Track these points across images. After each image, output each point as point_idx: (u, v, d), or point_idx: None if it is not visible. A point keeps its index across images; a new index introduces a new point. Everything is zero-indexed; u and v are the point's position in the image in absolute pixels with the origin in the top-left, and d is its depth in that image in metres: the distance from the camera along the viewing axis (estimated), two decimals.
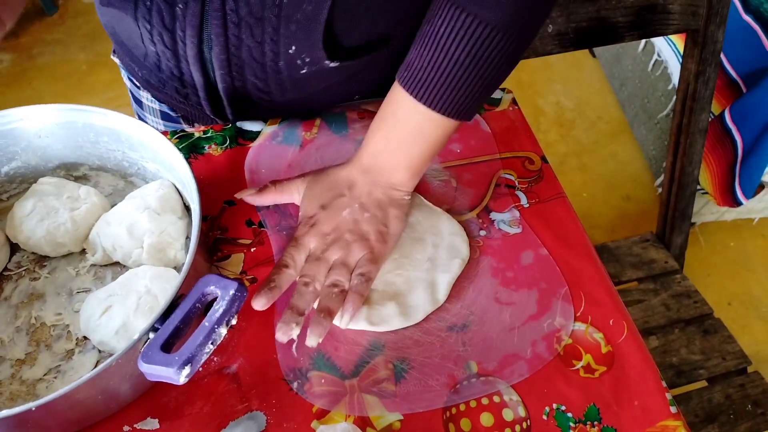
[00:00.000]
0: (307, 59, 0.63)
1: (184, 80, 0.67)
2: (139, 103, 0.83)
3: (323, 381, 0.53)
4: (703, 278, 1.61)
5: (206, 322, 0.43)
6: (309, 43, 0.61)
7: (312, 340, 0.52)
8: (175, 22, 0.60)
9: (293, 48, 0.61)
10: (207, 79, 0.66)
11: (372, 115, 0.73)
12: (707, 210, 1.65)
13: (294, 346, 0.54)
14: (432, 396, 0.52)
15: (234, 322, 0.45)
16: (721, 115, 1.42)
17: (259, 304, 0.53)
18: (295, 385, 0.52)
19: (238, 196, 0.62)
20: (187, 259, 0.48)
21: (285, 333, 0.52)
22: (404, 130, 0.59)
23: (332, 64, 0.64)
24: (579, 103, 2.01)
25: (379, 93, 0.67)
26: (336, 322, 0.55)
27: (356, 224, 0.58)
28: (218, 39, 0.60)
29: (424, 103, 0.56)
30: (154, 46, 0.64)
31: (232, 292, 0.45)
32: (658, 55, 1.69)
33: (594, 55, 2.11)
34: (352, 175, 0.61)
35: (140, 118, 0.83)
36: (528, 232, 0.63)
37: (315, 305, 0.55)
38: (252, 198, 0.62)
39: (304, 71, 0.64)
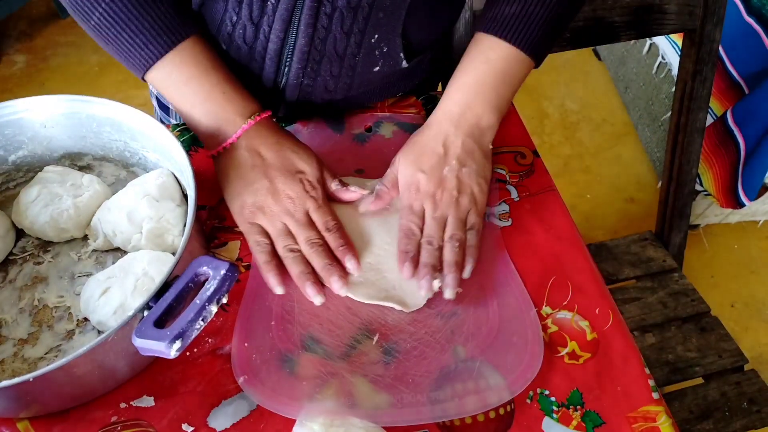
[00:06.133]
0: (384, 49, 0.68)
1: (248, 78, 0.69)
2: (165, 109, 0.86)
3: (313, 363, 0.54)
4: (707, 280, 1.61)
5: (197, 300, 0.45)
6: (390, 29, 0.67)
7: (450, 293, 0.58)
8: (262, 17, 0.63)
9: (376, 36, 0.66)
10: (275, 78, 0.69)
11: (364, 111, 0.75)
12: (711, 212, 1.65)
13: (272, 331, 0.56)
14: (420, 379, 0.54)
15: (225, 300, 0.47)
16: (723, 117, 1.43)
17: (407, 274, 0.58)
18: (286, 368, 0.54)
19: (362, 210, 0.64)
20: (182, 242, 0.50)
21: (428, 288, 0.58)
22: (494, 73, 0.64)
23: (403, 62, 0.71)
24: (584, 106, 2.02)
25: (417, 92, 0.78)
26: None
27: (458, 180, 0.62)
28: (306, 30, 0.64)
29: (517, 45, 0.64)
30: (231, 43, 0.67)
31: (223, 272, 0.47)
32: (663, 58, 1.69)
33: (599, 58, 2.12)
34: (442, 130, 0.64)
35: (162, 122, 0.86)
36: (517, 224, 0.65)
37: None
38: (375, 205, 0.64)
39: (376, 69, 0.70)
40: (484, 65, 0.65)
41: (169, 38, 0.60)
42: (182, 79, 0.61)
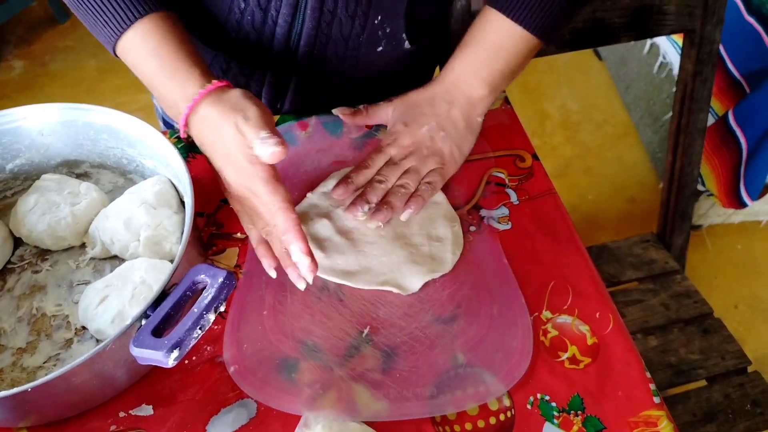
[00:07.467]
0: (387, 29, 0.71)
1: (256, 64, 0.72)
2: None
3: (312, 370, 0.54)
4: (710, 281, 1.60)
5: (195, 309, 0.45)
6: (393, 11, 0.69)
7: (374, 223, 0.62)
8: (270, 2, 0.65)
9: (379, 18, 0.69)
10: (282, 62, 0.71)
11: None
12: (714, 212, 1.65)
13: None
14: (419, 386, 0.53)
15: (222, 309, 0.47)
16: (725, 117, 1.42)
17: (337, 193, 0.63)
18: (280, 365, 0.54)
19: (335, 111, 0.70)
20: (180, 249, 0.49)
21: (354, 212, 0.62)
22: (489, 46, 0.66)
23: (406, 42, 0.73)
24: (585, 106, 2.01)
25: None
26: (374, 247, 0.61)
27: (432, 141, 0.66)
28: (313, 14, 0.66)
29: (515, 20, 0.64)
30: (239, 30, 0.69)
31: (220, 280, 0.46)
32: (664, 58, 1.69)
33: (600, 58, 2.12)
34: (434, 93, 0.67)
35: (168, 125, 0.87)
36: (517, 228, 0.64)
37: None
38: (346, 117, 0.70)
39: (379, 49, 0.72)
40: (481, 39, 0.66)
41: (132, 12, 0.58)
42: (140, 56, 0.59)
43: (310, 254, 0.54)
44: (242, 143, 0.54)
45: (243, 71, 0.74)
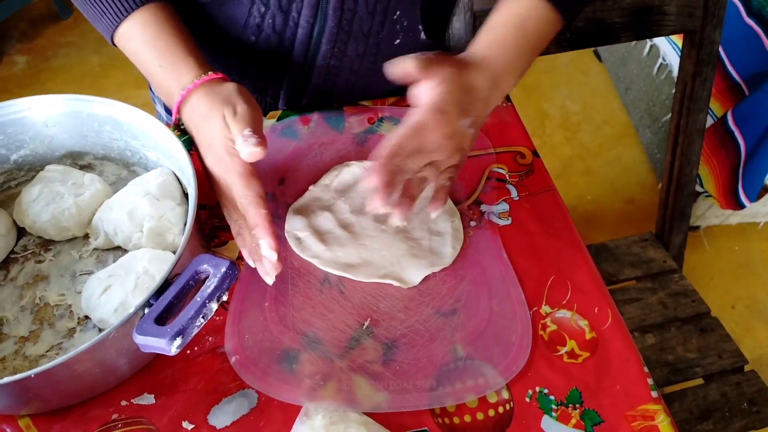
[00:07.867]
0: (405, 23, 0.72)
1: (275, 66, 0.73)
2: (169, 111, 0.86)
3: (313, 361, 0.55)
4: (707, 281, 1.61)
5: (198, 297, 0.45)
6: (410, 4, 0.70)
7: (396, 220, 0.57)
8: (291, 4, 0.66)
9: (397, 13, 0.70)
10: (303, 62, 0.72)
11: (364, 109, 0.76)
12: (712, 213, 1.65)
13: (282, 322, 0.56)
14: (419, 378, 0.54)
15: (225, 298, 0.47)
16: (724, 118, 1.43)
17: (373, 181, 0.55)
18: (284, 366, 0.54)
19: (398, 61, 0.59)
20: (183, 240, 0.50)
21: (377, 206, 0.55)
22: (532, 40, 0.63)
23: (422, 34, 0.74)
24: (584, 107, 2.02)
25: None
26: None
27: (463, 138, 0.61)
28: (335, 13, 0.67)
29: (557, 9, 0.62)
30: (259, 33, 0.69)
31: (223, 269, 0.47)
32: (663, 59, 1.69)
33: (600, 59, 2.12)
34: (485, 86, 0.61)
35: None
36: (517, 223, 0.65)
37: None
38: (412, 67, 0.60)
39: (397, 42, 0.73)
40: (525, 35, 0.62)
41: (130, 2, 0.60)
42: (138, 45, 0.61)
43: (277, 251, 0.55)
44: (225, 135, 0.56)
45: (261, 75, 0.75)
